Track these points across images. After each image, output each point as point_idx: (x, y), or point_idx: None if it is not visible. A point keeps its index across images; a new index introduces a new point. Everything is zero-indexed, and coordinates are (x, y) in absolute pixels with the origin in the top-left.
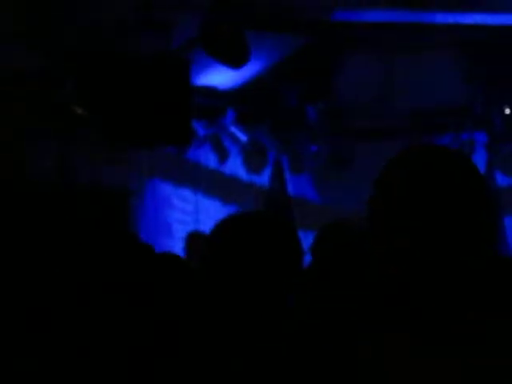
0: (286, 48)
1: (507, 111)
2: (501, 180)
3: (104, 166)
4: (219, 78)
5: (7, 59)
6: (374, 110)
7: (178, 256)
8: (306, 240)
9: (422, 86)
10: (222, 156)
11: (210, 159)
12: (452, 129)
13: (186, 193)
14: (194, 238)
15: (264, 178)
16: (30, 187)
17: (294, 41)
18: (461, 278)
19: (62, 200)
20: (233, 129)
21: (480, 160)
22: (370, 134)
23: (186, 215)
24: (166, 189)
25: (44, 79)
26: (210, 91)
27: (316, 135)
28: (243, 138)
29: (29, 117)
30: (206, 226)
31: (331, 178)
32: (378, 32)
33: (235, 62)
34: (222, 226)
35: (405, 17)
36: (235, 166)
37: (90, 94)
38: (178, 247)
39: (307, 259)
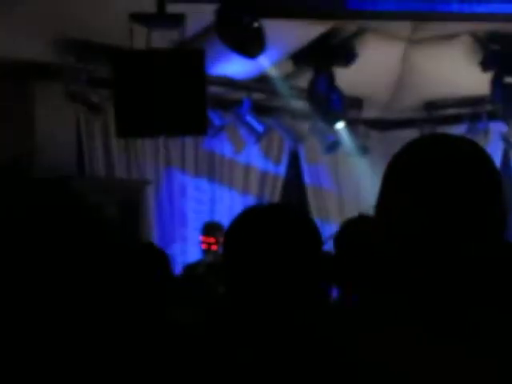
0: (302, 37)
1: None
2: None
3: (120, 156)
4: (235, 67)
5: (24, 51)
6: (390, 100)
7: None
8: (322, 230)
9: (437, 76)
10: (238, 146)
11: (225, 149)
12: (467, 118)
13: (202, 182)
14: (209, 229)
15: (280, 168)
16: (42, 179)
17: (309, 30)
18: (468, 268)
19: (76, 191)
20: (249, 118)
21: (496, 150)
22: (386, 123)
23: (202, 205)
24: (182, 178)
25: (60, 71)
26: (226, 81)
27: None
28: (259, 127)
29: (44, 107)
30: (222, 215)
31: (347, 168)
32: (393, 21)
33: (251, 52)
34: (241, 219)
35: (420, 6)
36: (251, 156)
37: (106, 85)
38: (193, 237)
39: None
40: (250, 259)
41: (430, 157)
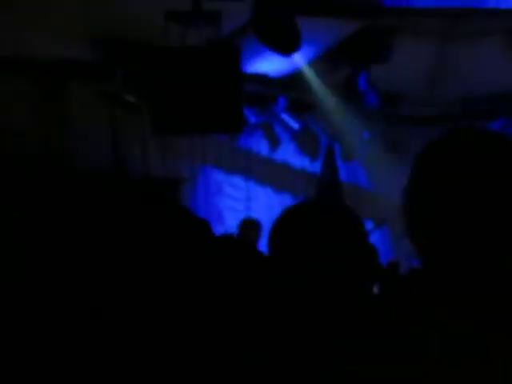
0: (337, 34)
1: None
2: None
3: (156, 154)
4: (270, 65)
5: (60, 50)
6: (426, 96)
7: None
8: None
9: (473, 72)
10: (274, 143)
11: (261, 146)
12: (503, 114)
13: (238, 180)
14: (247, 225)
15: (316, 165)
16: (82, 178)
17: (345, 27)
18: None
19: (114, 189)
20: (284, 116)
21: None
22: (422, 120)
23: (238, 202)
24: (218, 176)
25: (96, 69)
26: (261, 78)
27: (368, 122)
28: (295, 125)
29: (80, 106)
30: (258, 213)
31: (383, 165)
32: (429, 17)
33: (286, 49)
34: (286, 216)
35: (456, 2)
36: (287, 153)
37: (142, 83)
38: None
39: None
40: (296, 256)
41: (463, 152)
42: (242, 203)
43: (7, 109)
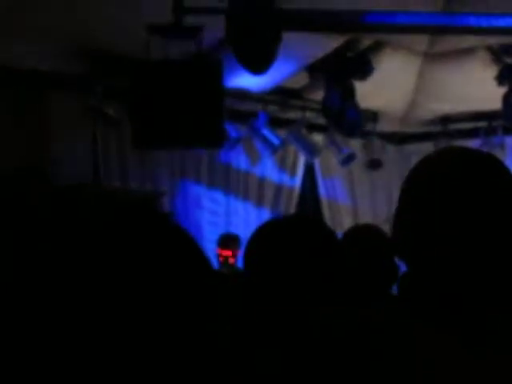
0: (318, 51)
1: None
2: None
3: (134, 167)
4: (250, 80)
5: (40, 62)
6: (405, 113)
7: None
8: None
9: (453, 90)
10: (254, 158)
11: (241, 161)
12: (483, 133)
13: (217, 194)
14: (226, 240)
15: (295, 181)
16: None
17: (325, 44)
18: (502, 286)
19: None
20: (265, 131)
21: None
22: (401, 137)
23: (217, 217)
24: (197, 190)
25: (76, 82)
26: (242, 93)
27: (347, 138)
28: (275, 140)
29: (60, 119)
30: (237, 228)
31: (362, 181)
32: (409, 34)
33: (255, 68)
34: (261, 232)
35: (437, 19)
36: (267, 169)
37: (121, 96)
38: (208, 249)
39: None
40: (271, 273)
41: (447, 172)
42: (221, 218)
43: None
